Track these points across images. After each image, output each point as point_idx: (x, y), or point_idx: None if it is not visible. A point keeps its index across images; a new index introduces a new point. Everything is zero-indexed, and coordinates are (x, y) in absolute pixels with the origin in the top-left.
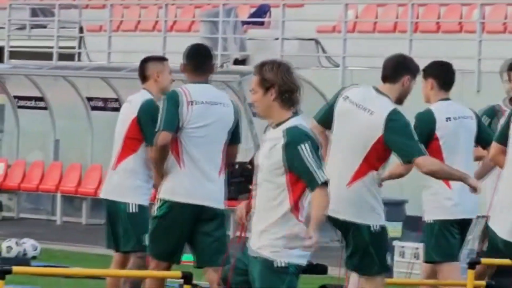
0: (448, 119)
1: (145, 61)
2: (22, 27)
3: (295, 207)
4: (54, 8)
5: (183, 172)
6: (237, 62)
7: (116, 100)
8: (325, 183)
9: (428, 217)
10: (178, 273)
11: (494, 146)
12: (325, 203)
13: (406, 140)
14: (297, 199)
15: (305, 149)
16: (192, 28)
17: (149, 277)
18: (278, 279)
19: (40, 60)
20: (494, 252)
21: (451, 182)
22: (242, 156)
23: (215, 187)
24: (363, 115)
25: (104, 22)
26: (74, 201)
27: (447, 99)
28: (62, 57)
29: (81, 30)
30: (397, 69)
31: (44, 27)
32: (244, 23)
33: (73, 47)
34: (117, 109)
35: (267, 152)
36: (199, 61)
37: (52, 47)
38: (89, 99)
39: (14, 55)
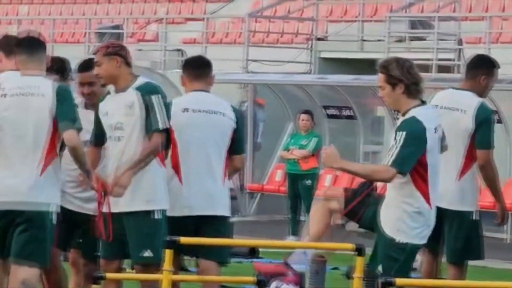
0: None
1: None
2: (401, 40)
3: (418, 187)
4: (433, 20)
5: None
6: None
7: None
8: (392, 167)
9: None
10: None
11: None
12: (372, 173)
13: None
14: (419, 179)
15: (401, 136)
16: None
17: None
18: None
19: (419, 72)
20: None
21: None
22: None
23: None
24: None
25: (483, 34)
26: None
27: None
28: (441, 69)
29: (459, 42)
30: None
31: (423, 39)
32: None
33: (451, 59)
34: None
35: (391, 140)
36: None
37: (431, 60)
38: None
39: None
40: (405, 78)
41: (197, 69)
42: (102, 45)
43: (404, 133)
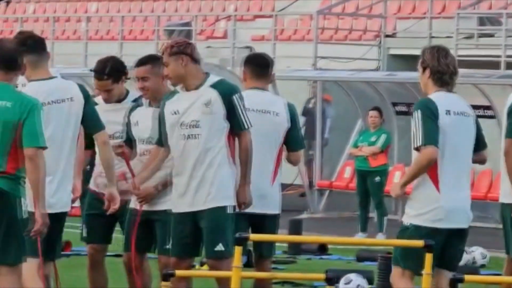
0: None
1: None
2: (470, 36)
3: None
4: (502, 17)
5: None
6: None
7: None
8: (426, 146)
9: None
10: None
11: None
12: (418, 166)
13: None
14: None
15: (417, 115)
16: None
17: None
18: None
19: (488, 69)
20: None
21: None
22: None
23: None
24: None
25: None
26: None
27: None
28: (510, 65)
29: None
30: None
31: (492, 36)
32: None
33: None
34: None
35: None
36: None
37: (499, 56)
38: None
39: (461, 64)
40: (431, 64)
41: (260, 67)
42: (167, 45)
43: (419, 111)
